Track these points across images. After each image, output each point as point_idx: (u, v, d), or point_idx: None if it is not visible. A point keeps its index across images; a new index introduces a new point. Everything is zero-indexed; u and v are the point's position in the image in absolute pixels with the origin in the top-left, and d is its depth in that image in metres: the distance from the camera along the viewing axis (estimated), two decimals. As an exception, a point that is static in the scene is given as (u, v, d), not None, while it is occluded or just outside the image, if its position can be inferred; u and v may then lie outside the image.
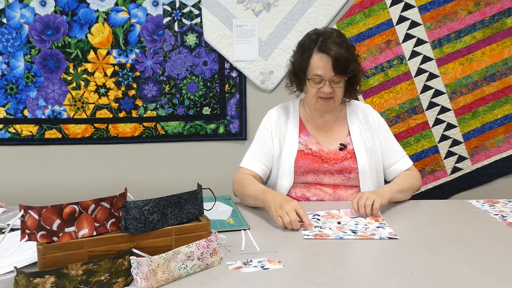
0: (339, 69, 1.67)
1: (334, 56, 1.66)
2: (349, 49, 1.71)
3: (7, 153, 2.52)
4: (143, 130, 2.57)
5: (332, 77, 1.69)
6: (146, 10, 2.45)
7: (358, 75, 1.78)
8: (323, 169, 1.78)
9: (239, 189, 1.75)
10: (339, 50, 1.66)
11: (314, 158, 1.79)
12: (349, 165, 1.78)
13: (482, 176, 2.68)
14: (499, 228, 1.49)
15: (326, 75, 1.68)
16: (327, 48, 1.67)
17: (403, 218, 1.59)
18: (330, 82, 1.70)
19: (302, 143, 1.81)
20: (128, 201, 1.14)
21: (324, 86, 1.70)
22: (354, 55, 1.74)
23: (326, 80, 1.69)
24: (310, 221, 1.49)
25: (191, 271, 1.16)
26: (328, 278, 1.14)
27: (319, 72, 1.69)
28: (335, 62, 1.66)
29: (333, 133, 1.84)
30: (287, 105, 1.91)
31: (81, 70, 2.47)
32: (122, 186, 1.27)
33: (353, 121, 1.86)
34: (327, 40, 1.69)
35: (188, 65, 2.53)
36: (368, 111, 1.89)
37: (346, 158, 1.79)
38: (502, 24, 2.52)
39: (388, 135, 1.88)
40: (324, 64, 1.67)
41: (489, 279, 1.14)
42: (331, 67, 1.67)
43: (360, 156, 1.79)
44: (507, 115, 2.60)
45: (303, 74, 1.75)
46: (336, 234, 1.42)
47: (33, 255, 1.22)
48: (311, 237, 1.40)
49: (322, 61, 1.68)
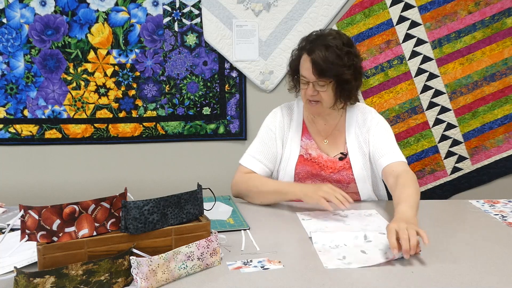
0: (318, 72, 1.62)
1: (313, 59, 1.62)
2: (338, 54, 1.62)
3: (7, 153, 2.52)
4: (143, 130, 2.57)
5: (315, 80, 1.64)
6: (146, 10, 2.45)
7: (351, 81, 1.67)
8: (321, 176, 1.78)
9: (246, 189, 1.73)
10: (322, 54, 1.61)
11: (312, 164, 1.78)
12: (347, 176, 1.76)
13: (482, 176, 2.68)
14: (499, 228, 1.49)
15: (310, 77, 1.65)
16: (312, 50, 1.64)
17: (403, 218, 1.59)
18: (314, 85, 1.65)
19: (303, 147, 1.80)
20: (128, 201, 1.14)
21: (307, 88, 1.68)
22: (345, 60, 1.63)
23: (310, 82, 1.66)
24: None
25: (191, 271, 1.16)
26: (328, 278, 1.14)
27: (304, 73, 1.67)
28: (314, 64, 1.62)
29: (332, 140, 1.81)
30: (291, 105, 1.88)
31: (81, 70, 2.47)
32: (122, 186, 1.27)
33: (351, 129, 1.80)
34: (317, 41, 1.65)
35: (188, 65, 2.53)
36: (369, 115, 1.81)
37: (344, 168, 1.77)
38: (502, 24, 2.52)
39: (387, 133, 1.77)
40: (308, 65, 1.65)
41: (489, 279, 1.14)
42: (311, 69, 1.64)
43: (356, 166, 1.76)
44: (507, 115, 2.60)
45: (295, 74, 1.76)
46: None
47: (33, 255, 1.22)
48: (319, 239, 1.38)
49: (306, 63, 1.66)
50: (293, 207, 1.70)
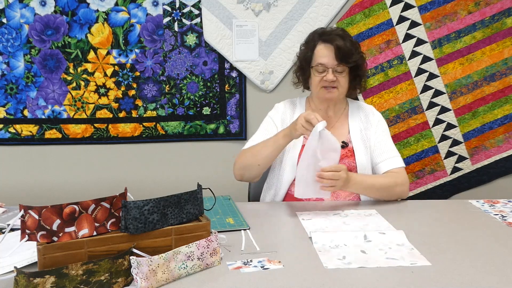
0: (341, 57, 1.73)
1: (337, 45, 1.73)
2: (352, 42, 1.78)
3: (7, 153, 2.52)
4: (143, 130, 2.57)
5: (335, 66, 1.74)
6: (146, 10, 2.45)
7: (362, 69, 1.83)
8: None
9: (245, 159, 1.79)
10: (342, 41, 1.74)
11: None
12: (348, 164, 1.79)
13: (482, 176, 2.68)
14: (499, 228, 1.49)
15: (329, 63, 1.74)
16: (330, 39, 1.75)
17: (403, 218, 1.59)
18: (333, 71, 1.75)
19: (306, 137, 1.81)
20: (128, 201, 1.14)
21: (327, 74, 1.75)
22: (358, 49, 1.80)
23: (329, 68, 1.75)
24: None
25: (191, 271, 1.16)
26: (328, 278, 1.14)
27: (322, 60, 1.75)
28: (337, 50, 1.73)
29: (334, 130, 1.84)
30: (294, 101, 1.95)
31: (81, 70, 2.48)
32: (122, 186, 1.27)
33: (354, 120, 1.87)
34: (331, 33, 1.78)
35: (188, 65, 2.53)
36: (370, 110, 1.91)
37: (347, 156, 1.80)
38: (502, 24, 2.52)
39: (385, 136, 1.87)
40: (328, 52, 1.75)
41: (489, 279, 1.14)
42: (333, 55, 1.74)
43: (359, 154, 1.80)
44: (507, 115, 2.60)
45: (307, 65, 1.81)
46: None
47: (33, 255, 1.22)
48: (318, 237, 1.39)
49: (325, 50, 1.75)
50: (293, 207, 1.70)
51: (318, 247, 1.33)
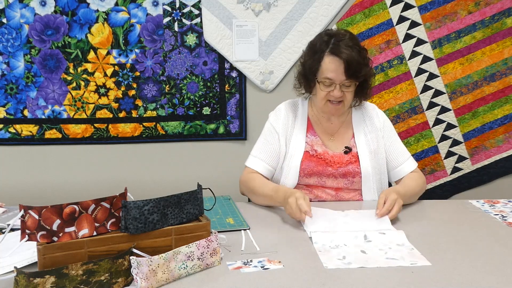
0: (351, 73, 1.63)
1: (346, 60, 1.61)
2: (361, 53, 1.67)
3: (7, 153, 2.52)
4: (143, 130, 2.57)
5: (343, 81, 1.65)
6: (146, 10, 2.45)
7: (369, 79, 1.74)
8: (327, 173, 1.78)
9: (247, 190, 1.78)
10: (351, 54, 1.62)
11: (318, 160, 1.78)
12: (353, 169, 1.77)
13: (482, 176, 2.68)
14: (499, 228, 1.49)
15: (337, 78, 1.65)
16: (339, 51, 1.63)
17: (403, 218, 1.59)
18: (340, 86, 1.66)
19: (309, 143, 1.80)
20: (128, 201, 1.14)
21: (334, 90, 1.66)
22: (366, 59, 1.70)
23: (337, 84, 1.65)
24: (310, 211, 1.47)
25: (191, 271, 1.16)
26: (328, 278, 1.15)
27: (330, 75, 1.65)
28: (347, 65, 1.62)
29: (338, 136, 1.83)
30: (295, 102, 1.88)
31: (81, 70, 2.48)
32: (122, 186, 1.27)
33: (358, 124, 1.84)
34: (339, 42, 1.65)
35: (188, 65, 2.53)
36: (373, 112, 1.86)
37: (351, 162, 1.78)
38: (502, 24, 2.52)
39: (394, 136, 1.85)
40: (336, 67, 1.64)
41: (489, 279, 1.14)
42: (342, 70, 1.63)
43: (363, 160, 1.78)
44: (507, 115, 2.60)
45: (313, 77, 1.72)
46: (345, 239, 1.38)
47: (33, 255, 1.22)
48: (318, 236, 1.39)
49: (333, 64, 1.64)
50: (293, 207, 1.70)
51: (318, 247, 1.33)
